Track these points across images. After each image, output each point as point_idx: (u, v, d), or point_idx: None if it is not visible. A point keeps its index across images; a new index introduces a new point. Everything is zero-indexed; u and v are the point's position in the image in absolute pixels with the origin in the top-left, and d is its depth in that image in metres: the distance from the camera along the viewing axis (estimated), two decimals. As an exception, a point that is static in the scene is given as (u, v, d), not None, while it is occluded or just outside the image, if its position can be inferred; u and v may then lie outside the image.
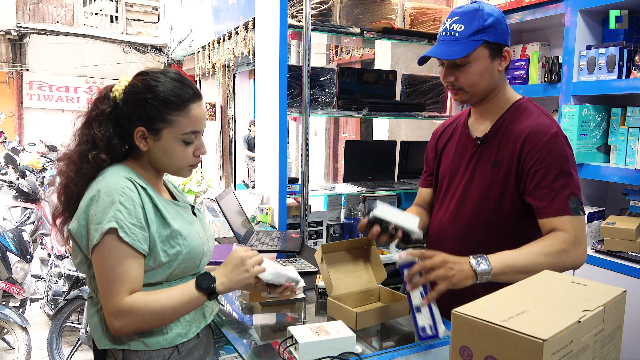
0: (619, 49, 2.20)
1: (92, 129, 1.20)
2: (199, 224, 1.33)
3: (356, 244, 1.52)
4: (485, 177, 1.43)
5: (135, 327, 1.14)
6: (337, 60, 6.64)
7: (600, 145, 2.37)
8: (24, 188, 4.50)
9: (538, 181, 1.33)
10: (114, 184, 1.15)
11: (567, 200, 1.31)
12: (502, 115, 1.44)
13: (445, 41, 1.37)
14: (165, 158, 1.23)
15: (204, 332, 1.30)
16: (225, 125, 10.43)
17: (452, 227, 1.49)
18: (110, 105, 1.21)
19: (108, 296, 1.12)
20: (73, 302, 3.14)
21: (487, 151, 1.44)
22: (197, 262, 1.27)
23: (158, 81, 1.20)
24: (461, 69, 1.38)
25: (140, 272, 1.15)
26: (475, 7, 1.36)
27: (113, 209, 1.12)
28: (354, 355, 1.17)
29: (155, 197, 1.21)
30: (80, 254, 1.19)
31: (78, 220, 1.16)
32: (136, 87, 1.20)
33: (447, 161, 1.56)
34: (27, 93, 12.28)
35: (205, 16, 8.64)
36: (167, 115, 1.19)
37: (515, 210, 1.40)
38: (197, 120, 1.22)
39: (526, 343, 0.72)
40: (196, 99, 1.22)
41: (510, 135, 1.40)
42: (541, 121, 1.38)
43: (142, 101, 1.19)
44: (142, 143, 1.21)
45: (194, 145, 1.24)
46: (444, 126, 1.65)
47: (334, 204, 2.88)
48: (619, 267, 2.09)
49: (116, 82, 1.25)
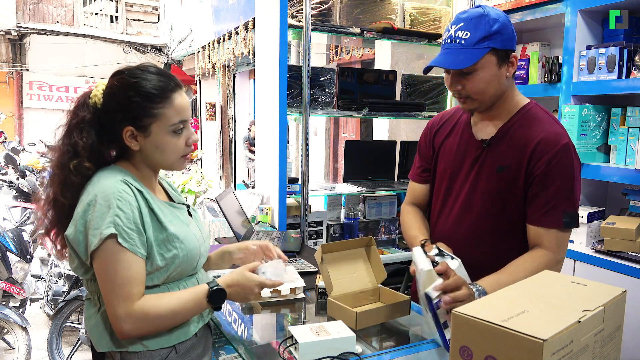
0: (619, 49, 2.20)
1: (72, 137, 1.19)
2: (195, 224, 1.33)
3: (356, 244, 1.52)
4: (492, 181, 1.41)
5: (144, 331, 1.15)
6: (337, 60, 6.64)
7: (600, 145, 2.37)
8: (24, 188, 4.50)
9: (540, 190, 1.34)
10: (111, 187, 1.14)
11: (562, 213, 1.32)
12: (510, 120, 1.41)
13: (451, 49, 1.33)
14: (158, 153, 1.22)
15: (201, 331, 1.30)
16: (225, 125, 10.43)
17: (456, 231, 1.47)
18: (90, 112, 1.20)
19: (116, 300, 1.11)
20: (73, 302, 3.14)
21: (492, 154, 1.42)
22: (194, 264, 1.27)
23: (137, 77, 1.18)
24: (468, 77, 1.34)
25: (143, 275, 1.15)
26: (480, 12, 1.32)
27: (111, 214, 1.11)
28: (354, 355, 1.17)
29: (151, 200, 1.20)
30: (76, 259, 1.18)
31: (75, 226, 1.14)
32: (115, 88, 1.19)
33: (446, 159, 1.53)
34: (27, 93, 12.29)
35: (205, 16, 8.64)
36: (152, 109, 1.17)
37: (520, 215, 1.39)
38: (182, 110, 1.21)
39: (526, 343, 0.72)
40: (177, 88, 1.22)
41: (519, 141, 1.38)
42: (553, 130, 1.36)
43: (125, 100, 1.17)
44: (133, 142, 1.20)
45: (184, 135, 1.23)
46: (441, 121, 1.60)
47: (334, 204, 2.88)
48: (619, 267, 2.09)
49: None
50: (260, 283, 1.28)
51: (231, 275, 1.27)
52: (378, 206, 2.94)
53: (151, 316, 1.13)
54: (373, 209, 2.93)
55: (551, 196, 1.32)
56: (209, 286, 1.21)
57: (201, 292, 1.20)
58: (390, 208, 2.97)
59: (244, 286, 1.26)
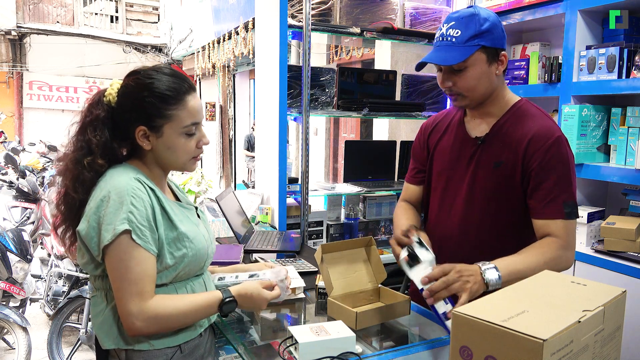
0: (619, 49, 2.20)
1: (86, 134, 1.20)
2: (203, 226, 1.34)
3: (356, 244, 1.52)
4: (490, 178, 1.43)
5: (154, 330, 1.15)
6: (337, 60, 6.65)
7: (600, 145, 2.37)
8: (24, 188, 4.50)
9: (538, 183, 1.36)
10: (125, 184, 1.15)
11: (562, 204, 1.35)
12: (502, 117, 1.44)
13: (442, 46, 1.37)
14: (170, 154, 1.23)
15: (206, 331, 1.31)
16: (225, 125, 10.43)
17: (460, 229, 1.48)
18: (105, 110, 1.21)
19: (129, 297, 1.11)
20: (73, 302, 3.14)
21: (487, 151, 1.44)
22: (202, 264, 1.28)
23: (152, 78, 1.19)
24: (459, 74, 1.38)
25: (155, 273, 1.16)
26: (471, 12, 1.36)
27: (125, 210, 1.11)
28: (354, 355, 1.17)
29: (163, 199, 1.21)
30: (87, 255, 1.18)
31: (88, 221, 1.15)
32: (130, 88, 1.20)
33: (442, 159, 1.55)
34: (27, 93, 12.29)
35: (205, 16, 8.64)
36: (165, 110, 1.18)
37: (521, 209, 1.41)
38: (195, 112, 1.22)
39: (526, 343, 0.72)
40: (191, 90, 1.23)
41: (512, 137, 1.41)
42: (545, 124, 1.39)
43: (139, 100, 1.18)
44: (145, 142, 1.21)
45: (196, 137, 1.24)
46: (434, 122, 1.63)
47: (334, 204, 2.88)
48: (619, 267, 2.09)
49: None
50: (270, 300, 1.31)
51: (246, 288, 1.27)
52: (378, 206, 2.94)
53: (162, 316, 1.13)
54: (373, 209, 2.93)
55: (550, 188, 1.35)
56: (223, 296, 1.22)
57: (214, 300, 1.21)
58: (390, 208, 2.97)
59: (255, 301, 1.28)
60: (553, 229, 1.35)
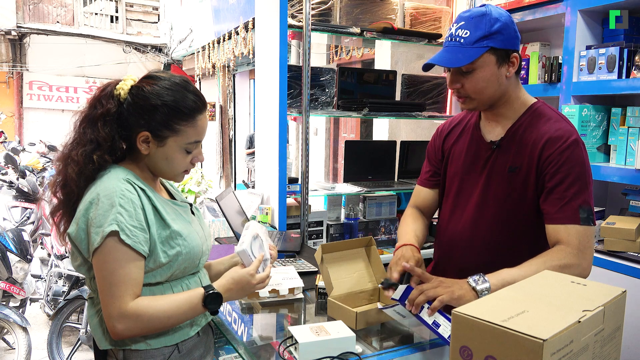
0: (619, 49, 2.20)
1: (97, 128, 1.18)
2: (197, 223, 1.33)
3: (356, 244, 1.52)
4: (504, 182, 1.39)
5: (137, 332, 1.15)
6: (337, 60, 6.64)
7: (600, 145, 2.37)
8: (24, 188, 4.50)
9: (552, 187, 1.31)
10: (113, 186, 1.14)
11: (578, 209, 1.29)
12: (518, 120, 1.40)
13: (450, 47, 1.33)
14: (165, 164, 1.23)
15: (203, 331, 1.31)
16: (225, 125, 10.43)
17: (472, 234, 1.45)
18: (115, 105, 1.19)
19: (110, 300, 1.11)
20: (73, 302, 3.14)
21: (503, 155, 1.40)
22: (197, 261, 1.27)
23: (169, 89, 1.19)
24: (467, 76, 1.34)
25: (141, 275, 1.15)
26: (482, 11, 1.31)
27: (113, 212, 1.11)
28: (354, 355, 1.17)
29: (154, 198, 1.21)
30: (79, 257, 1.19)
31: (77, 224, 1.15)
32: (145, 92, 1.18)
33: (457, 163, 1.51)
34: (27, 93, 12.28)
35: (205, 16, 8.64)
36: (175, 124, 1.19)
37: (534, 216, 1.37)
38: (202, 131, 1.23)
39: (526, 343, 0.72)
40: (204, 109, 1.23)
41: (528, 140, 1.37)
42: (561, 126, 1.34)
43: (152, 107, 1.17)
44: (144, 147, 1.20)
45: (193, 153, 1.25)
46: (451, 125, 1.59)
47: (334, 204, 2.88)
48: (619, 267, 2.09)
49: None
50: (251, 271, 1.27)
51: (224, 277, 1.26)
52: (378, 206, 2.94)
53: (144, 317, 1.13)
54: (373, 209, 2.93)
55: (564, 192, 1.30)
56: (205, 290, 1.20)
57: (196, 296, 1.20)
58: (390, 208, 2.97)
59: (239, 281, 1.25)
60: (563, 236, 1.28)
